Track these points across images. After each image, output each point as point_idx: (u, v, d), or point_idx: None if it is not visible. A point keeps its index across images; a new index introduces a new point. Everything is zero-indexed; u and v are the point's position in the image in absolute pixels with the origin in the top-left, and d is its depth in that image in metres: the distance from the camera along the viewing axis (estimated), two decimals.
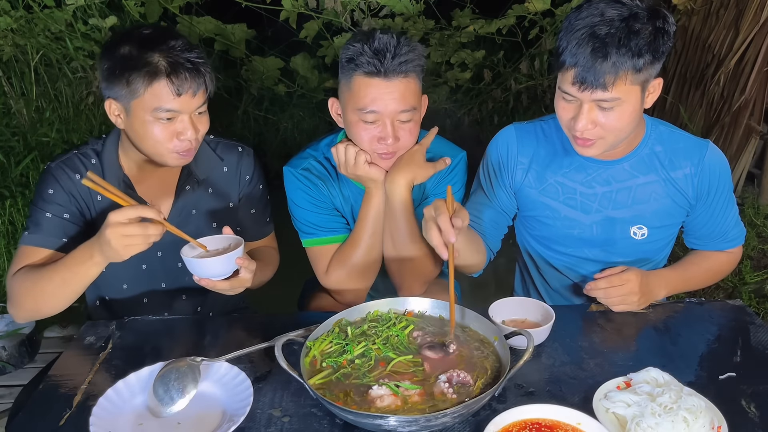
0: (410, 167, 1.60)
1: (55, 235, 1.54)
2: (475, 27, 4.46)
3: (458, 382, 1.16)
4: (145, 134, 1.48)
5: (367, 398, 1.13)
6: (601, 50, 1.31)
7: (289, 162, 1.75)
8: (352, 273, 1.69)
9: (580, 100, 1.39)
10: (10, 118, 4.01)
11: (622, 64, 1.32)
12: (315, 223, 1.71)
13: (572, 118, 1.43)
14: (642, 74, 1.36)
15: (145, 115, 1.45)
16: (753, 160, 3.67)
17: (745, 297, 2.93)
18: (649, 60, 1.34)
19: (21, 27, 3.94)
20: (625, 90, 1.36)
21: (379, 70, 1.49)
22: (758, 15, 3.38)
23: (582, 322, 1.49)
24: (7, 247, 3.22)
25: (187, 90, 1.44)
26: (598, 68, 1.32)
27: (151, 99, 1.43)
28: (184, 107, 1.46)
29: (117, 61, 1.43)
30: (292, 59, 4.60)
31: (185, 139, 1.49)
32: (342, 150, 1.60)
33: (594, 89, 1.35)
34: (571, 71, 1.36)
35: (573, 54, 1.34)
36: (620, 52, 1.31)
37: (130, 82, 1.42)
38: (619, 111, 1.38)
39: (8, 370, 1.98)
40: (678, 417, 1.06)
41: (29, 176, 3.67)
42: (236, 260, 1.40)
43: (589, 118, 1.40)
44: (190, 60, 1.45)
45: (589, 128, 1.41)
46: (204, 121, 1.54)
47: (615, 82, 1.33)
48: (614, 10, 1.33)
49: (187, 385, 1.20)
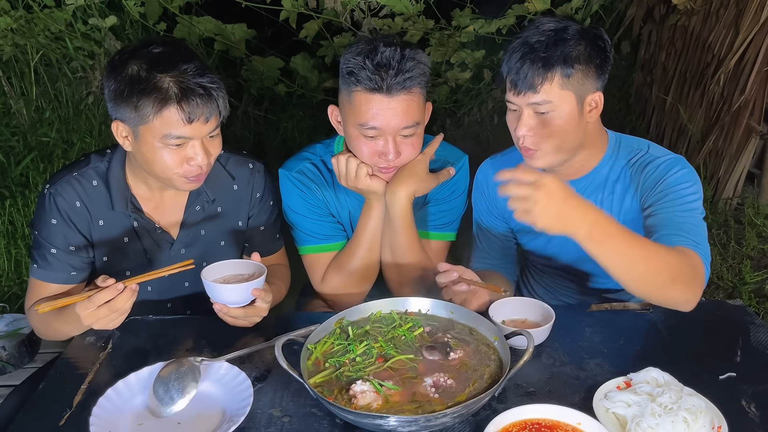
0: (412, 179, 1.57)
1: (62, 270, 1.54)
2: (475, 27, 4.45)
3: (444, 387, 1.17)
4: (154, 160, 1.42)
5: (349, 393, 1.14)
6: (529, 54, 1.41)
7: (285, 164, 1.72)
8: (348, 281, 1.68)
9: (519, 107, 1.45)
10: (10, 118, 4.01)
11: (549, 67, 1.39)
12: (311, 230, 1.70)
13: (515, 128, 1.47)
14: (572, 81, 1.42)
15: (154, 141, 1.39)
16: (753, 160, 3.67)
17: (745, 297, 2.93)
18: (579, 69, 1.41)
19: (21, 27, 3.94)
20: (556, 94, 1.41)
21: (381, 87, 1.44)
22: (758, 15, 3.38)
23: (582, 322, 1.49)
24: (7, 247, 3.22)
25: (198, 116, 1.37)
26: (526, 70, 1.40)
27: (160, 126, 1.36)
28: (196, 133, 1.39)
29: (124, 82, 1.36)
30: (292, 59, 4.60)
31: (195, 164, 1.43)
32: (343, 162, 1.56)
33: (525, 92, 1.41)
34: (508, 79, 1.44)
35: (508, 63, 1.44)
36: (547, 55, 1.39)
37: (138, 108, 1.35)
38: (554, 116, 1.43)
39: (8, 370, 1.98)
40: (678, 417, 1.06)
41: (29, 176, 3.67)
42: (252, 291, 1.37)
43: (527, 124, 1.44)
44: (202, 85, 1.36)
45: (529, 135, 1.45)
46: (216, 145, 1.47)
47: (542, 83, 1.40)
48: (550, 24, 1.44)
49: (187, 385, 1.20)
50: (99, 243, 1.58)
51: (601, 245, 1.19)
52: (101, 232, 1.57)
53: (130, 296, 1.31)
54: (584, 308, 1.56)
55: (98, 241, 1.58)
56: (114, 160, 1.55)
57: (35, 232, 1.55)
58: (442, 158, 1.68)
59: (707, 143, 3.76)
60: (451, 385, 1.17)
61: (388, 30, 4.28)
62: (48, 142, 3.88)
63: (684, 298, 1.33)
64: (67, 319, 1.39)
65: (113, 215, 1.56)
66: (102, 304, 1.28)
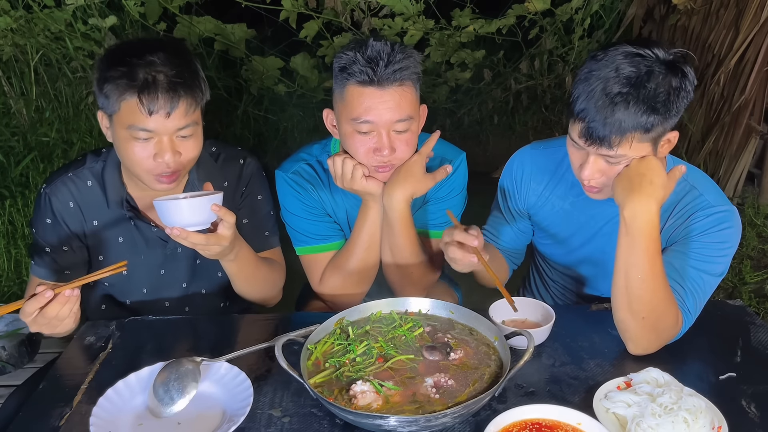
0: (408, 181, 1.55)
1: (55, 270, 1.55)
2: (475, 27, 4.46)
3: (444, 387, 1.16)
4: (125, 152, 1.41)
5: (349, 393, 1.13)
6: (608, 108, 1.27)
7: (281, 165, 1.71)
8: (347, 281, 1.68)
9: (587, 151, 1.37)
10: (10, 118, 4.01)
11: (630, 126, 1.28)
12: (308, 231, 1.69)
13: (580, 165, 1.41)
14: (652, 133, 1.30)
15: (122, 131, 1.38)
16: (753, 160, 3.67)
17: (745, 297, 2.93)
18: (659, 120, 1.29)
19: (21, 27, 3.94)
20: (634, 148, 1.31)
21: (372, 79, 1.44)
22: (758, 15, 3.38)
23: (582, 322, 1.49)
24: (6, 247, 3.22)
25: (158, 110, 1.34)
26: (604, 127, 1.28)
27: (126, 115, 1.36)
28: (160, 128, 1.37)
29: (100, 70, 1.38)
30: (291, 59, 4.60)
31: (162, 162, 1.39)
32: (339, 163, 1.55)
33: (599, 147, 1.32)
34: (579, 124, 1.33)
35: (582, 107, 1.31)
36: (628, 113, 1.26)
37: (107, 95, 1.36)
38: (627, 163, 1.35)
39: (8, 370, 1.98)
40: (678, 417, 1.06)
41: (29, 176, 3.67)
42: (212, 207, 1.29)
43: (595, 168, 1.37)
44: (168, 78, 1.35)
45: (596, 177, 1.39)
46: (189, 147, 1.44)
47: (621, 142, 1.30)
48: (630, 67, 1.27)
49: (187, 385, 1.20)
50: (93, 243, 1.59)
51: (634, 238, 1.28)
52: (95, 231, 1.57)
53: (64, 302, 1.24)
54: (584, 308, 1.56)
55: (92, 240, 1.58)
56: (109, 159, 1.56)
57: (33, 230, 1.58)
58: (439, 156, 1.67)
59: (707, 143, 3.76)
60: (451, 386, 1.17)
61: (389, 30, 4.28)
62: (48, 142, 3.88)
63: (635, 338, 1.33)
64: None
65: (108, 214, 1.57)
66: (36, 313, 1.23)
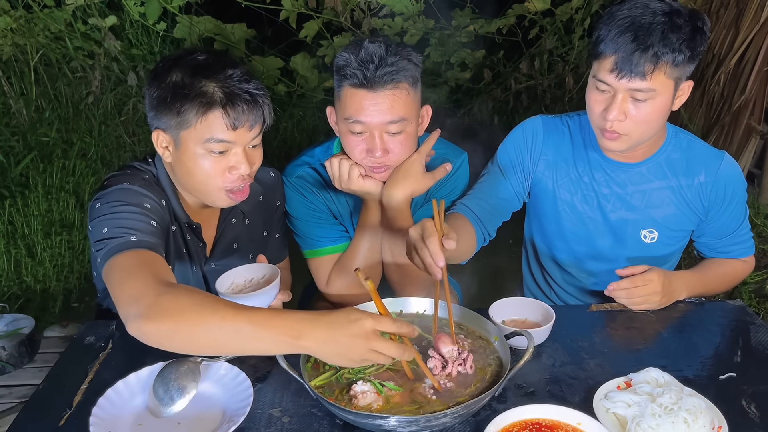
0: (407, 181, 1.54)
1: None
2: (475, 27, 4.46)
3: (445, 388, 1.16)
4: (195, 168, 1.35)
5: (349, 393, 1.13)
6: (643, 39, 1.34)
7: (285, 170, 1.72)
8: (352, 282, 1.67)
9: (614, 90, 1.40)
10: (10, 118, 4.01)
11: (663, 55, 1.34)
12: (314, 234, 1.69)
13: (604, 110, 1.43)
14: (678, 70, 1.38)
15: (196, 147, 1.33)
16: (753, 160, 3.67)
17: (745, 297, 2.93)
18: (687, 57, 1.36)
19: (21, 27, 3.94)
20: (661, 82, 1.37)
21: (363, 81, 1.44)
22: (758, 15, 3.38)
23: (582, 322, 1.49)
24: (6, 247, 3.21)
25: (243, 123, 1.32)
26: (638, 56, 1.34)
27: (203, 129, 1.31)
28: (239, 140, 1.34)
29: (168, 89, 1.32)
30: (291, 59, 4.60)
31: (238, 174, 1.36)
32: (336, 164, 1.55)
33: (632, 77, 1.36)
34: (610, 59, 1.38)
35: (614, 42, 1.37)
36: (663, 43, 1.34)
37: (181, 113, 1.30)
38: (651, 104, 1.40)
39: (8, 370, 1.98)
40: (678, 417, 1.06)
41: (29, 176, 3.67)
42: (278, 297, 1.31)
43: (621, 108, 1.41)
44: (247, 91, 1.32)
45: (620, 119, 1.41)
46: (258, 155, 1.43)
47: (654, 71, 1.35)
48: (658, 4, 1.37)
49: (187, 385, 1.20)
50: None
51: (694, 292, 1.59)
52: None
53: (409, 353, 1.08)
54: (584, 308, 1.56)
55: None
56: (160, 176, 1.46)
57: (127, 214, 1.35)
58: (441, 155, 1.67)
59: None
60: (451, 386, 1.17)
61: (389, 30, 4.29)
62: (48, 142, 3.88)
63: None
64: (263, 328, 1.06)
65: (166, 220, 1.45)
66: (388, 342, 1.05)
